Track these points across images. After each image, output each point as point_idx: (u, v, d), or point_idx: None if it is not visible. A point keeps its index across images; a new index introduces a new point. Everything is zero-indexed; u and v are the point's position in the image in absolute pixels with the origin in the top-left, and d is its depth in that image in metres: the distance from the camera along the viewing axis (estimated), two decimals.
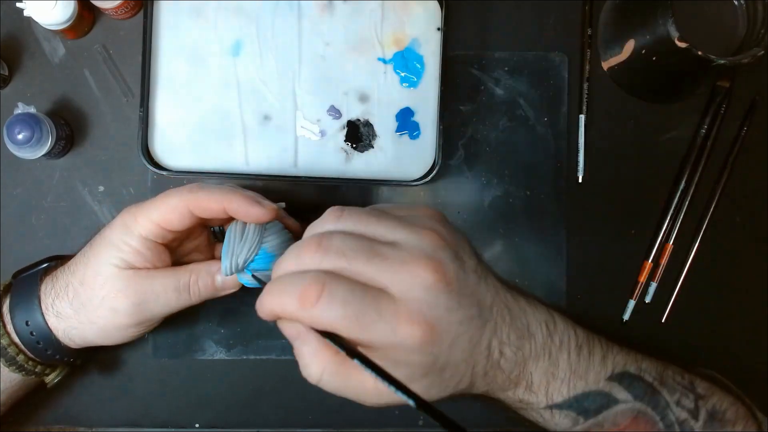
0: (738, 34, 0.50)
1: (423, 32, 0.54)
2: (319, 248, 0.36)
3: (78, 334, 0.47)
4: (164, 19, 0.53)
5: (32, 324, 0.46)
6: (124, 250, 0.46)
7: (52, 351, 0.47)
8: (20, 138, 0.49)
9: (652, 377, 0.45)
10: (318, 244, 0.36)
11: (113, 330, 0.47)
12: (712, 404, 0.45)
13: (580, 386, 0.43)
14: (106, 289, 0.45)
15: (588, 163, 0.57)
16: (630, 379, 0.44)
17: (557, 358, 0.42)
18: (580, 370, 0.43)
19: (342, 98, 0.54)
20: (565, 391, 0.42)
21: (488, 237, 0.57)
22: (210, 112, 0.54)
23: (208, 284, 0.48)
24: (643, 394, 0.44)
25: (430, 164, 0.54)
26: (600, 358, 0.44)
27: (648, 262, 0.56)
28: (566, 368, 0.42)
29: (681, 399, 0.45)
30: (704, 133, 0.56)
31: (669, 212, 0.56)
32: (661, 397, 0.44)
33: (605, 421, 0.44)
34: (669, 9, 0.46)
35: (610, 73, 0.56)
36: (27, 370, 0.47)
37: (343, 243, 0.36)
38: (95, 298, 0.46)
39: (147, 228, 0.45)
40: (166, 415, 0.56)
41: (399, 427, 0.57)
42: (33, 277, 0.48)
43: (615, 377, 0.44)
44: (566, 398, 0.43)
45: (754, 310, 0.57)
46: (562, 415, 0.43)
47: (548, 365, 0.42)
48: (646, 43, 0.50)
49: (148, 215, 0.45)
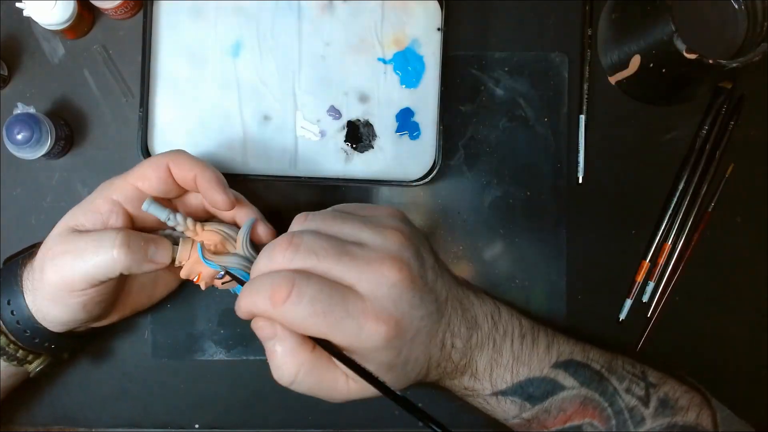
0: (739, 34, 0.50)
1: (423, 32, 0.54)
2: (290, 246, 0.38)
3: (37, 309, 0.45)
4: (164, 19, 0.53)
5: (13, 303, 0.45)
6: (85, 209, 0.44)
7: (30, 332, 0.45)
8: (20, 138, 0.49)
9: (600, 365, 0.47)
10: (289, 242, 0.38)
11: (48, 293, 0.43)
12: (664, 392, 0.46)
13: (524, 373, 0.45)
14: (45, 247, 0.44)
15: (588, 163, 0.57)
16: (576, 366, 0.46)
17: (501, 346, 0.44)
18: (524, 357, 0.45)
19: (342, 98, 0.54)
20: (508, 377, 0.45)
21: (488, 237, 0.57)
22: (210, 112, 0.54)
23: (138, 248, 0.43)
24: (589, 381, 0.46)
25: (430, 164, 0.54)
26: (545, 347, 0.46)
27: (645, 262, 0.56)
28: (509, 356, 0.45)
29: (630, 386, 0.46)
30: (705, 134, 0.56)
31: (668, 212, 0.56)
32: (609, 384, 0.46)
33: (552, 407, 0.45)
34: (669, 21, 0.46)
35: (619, 86, 0.57)
36: (8, 354, 0.46)
37: (313, 242, 0.38)
38: (37, 267, 0.44)
39: (120, 188, 0.44)
40: (166, 416, 0.56)
41: (399, 427, 0.57)
42: (16, 261, 0.47)
43: (560, 364, 0.46)
44: (510, 385, 0.45)
45: (753, 310, 0.57)
46: (507, 401, 0.45)
47: (492, 353, 0.44)
48: (653, 57, 0.50)
49: (125, 177, 0.45)
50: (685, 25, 0.46)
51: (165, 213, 0.44)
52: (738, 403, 0.48)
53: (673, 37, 0.46)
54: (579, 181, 0.57)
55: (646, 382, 0.46)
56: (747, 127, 0.57)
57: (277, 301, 0.36)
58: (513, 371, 0.45)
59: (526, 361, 0.45)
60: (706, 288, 0.57)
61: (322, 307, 0.37)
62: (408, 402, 0.36)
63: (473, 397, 0.46)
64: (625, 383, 0.46)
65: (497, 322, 0.45)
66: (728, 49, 0.50)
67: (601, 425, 0.45)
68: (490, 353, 0.44)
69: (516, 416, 0.46)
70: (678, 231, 0.57)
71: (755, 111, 0.57)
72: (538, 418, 0.45)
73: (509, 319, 0.46)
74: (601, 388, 0.46)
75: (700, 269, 0.57)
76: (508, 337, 0.45)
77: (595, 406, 0.45)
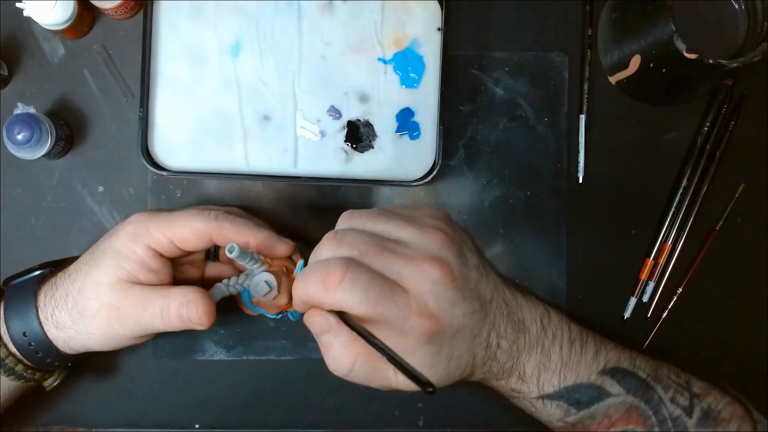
0: (739, 34, 0.50)
1: (423, 32, 0.54)
2: (333, 241, 0.39)
3: (79, 344, 0.46)
4: (164, 19, 0.53)
5: (30, 335, 0.45)
6: (128, 258, 0.45)
7: (51, 359, 0.47)
8: (20, 138, 0.49)
9: (646, 373, 0.46)
10: (333, 238, 0.40)
11: (112, 339, 0.46)
12: (708, 403, 0.46)
13: (571, 378, 0.44)
14: (102, 299, 0.45)
15: (588, 163, 0.57)
16: (623, 374, 0.46)
17: (549, 350, 0.44)
18: (572, 362, 0.45)
19: (342, 98, 0.54)
20: (555, 382, 0.44)
21: (488, 237, 0.57)
22: (210, 112, 0.54)
23: (192, 317, 0.45)
24: (636, 388, 0.45)
25: (431, 164, 0.54)
26: (593, 353, 0.45)
27: (650, 260, 0.56)
28: (558, 360, 0.44)
29: (675, 396, 0.46)
30: (706, 133, 0.56)
31: (671, 210, 0.56)
32: (654, 393, 0.46)
33: (597, 413, 0.45)
34: (670, 21, 0.46)
35: (619, 86, 0.57)
36: (26, 378, 0.47)
37: (355, 238, 0.39)
38: (91, 308, 0.45)
39: (158, 241, 0.45)
40: (166, 416, 0.56)
41: (399, 427, 0.57)
42: (28, 285, 0.47)
43: (607, 371, 0.45)
44: (557, 389, 0.44)
45: (754, 309, 0.57)
46: (553, 405, 0.45)
47: (540, 357, 0.44)
48: (653, 57, 0.50)
49: (163, 229, 0.45)
50: (685, 25, 0.46)
51: (247, 257, 0.45)
52: None
53: (674, 37, 0.46)
54: (579, 181, 0.57)
55: (691, 392, 0.46)
56: (747, 127, 0.57)
57: (330, 285, 0.37)
58: (561, 376, 0.44)
59: (574, 366, 0.45)
60: (707, 288, 0.57)
61: (374, 295, 0.37)
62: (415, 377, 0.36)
63: (519, 399, 0.45)
64: (670, 392, 0.46)
65: (546, 326, 0.45)
66: (728, 49, 0.50)
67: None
68: (538, 357, 0.44)
69: (560, 419, 0.45)
70: (678, 231, 0.57)
71: (755, 111, 0.57)
72: (583, 423, 0.45)
73: (559, 323, 0.45)
74: (647, 396, 0.45)
75: (702, 269, 0.57)
76: (557, 341, 0.45)
77: (639, 414, 0.45)
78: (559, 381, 0.44)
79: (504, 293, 0.43)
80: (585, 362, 0.45)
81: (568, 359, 0.45)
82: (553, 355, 0.44)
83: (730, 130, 0.56)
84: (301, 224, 0.56)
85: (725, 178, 0.57)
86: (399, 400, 0.56)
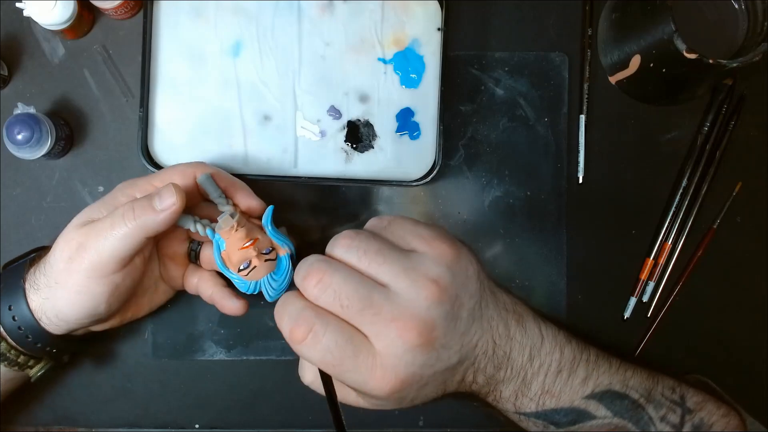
0: (739, 34, 0.50)
1: (423, 32, 0.54)
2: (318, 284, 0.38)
3: (50, 306, 0.45)
4: (164, 19, 0.53)
5: (15, 309, 0.45)
6: (107, 204, 0.46)
7: (33, 337, 0.46)
8: (20, 138, 0.49)
9: (639, 394, 0.46)
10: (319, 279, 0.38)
11: (74, 285, 0.44)
12: (700, 418, 0.46)
13: (551, 403, 0.44)
14: (64, 239, 0.45)
15: (588, 163, 0.57)
16: (612, 397, 0.45)
17: (531, 380, 0.44)
18: (555, 390, 0.44)
19: (342, 98, 0.54)
20: (533, 406, 0.44)
21: (488, 237, 0.57)
22: (210, 112, 0.54)
23: (145, 205, 0.44)
24: (624, 410, 0.45)
25: (431, 164, 0.54)
26: (581, 380, 0.45)
27: (650, 260, 0.56)
28: (538, 389, 0.44)
29: (667, 414, 0.46)
30: (706, 132, 0.56)
31: (671, 210, 0.56)
32: (644, 413, 0.45)
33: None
34: (670, 21, 0.46)
35: (619, 86, 0.57)
36: (9, 359, 0.46)
37: (341, 287, 0.38)
38: (58, 258, 0.45)
39: (144, 190, 0.46)
40: (166, 416, 0.56)
41: (399, 427, 0.57)
42: (19, 266, 0.47)
43: (595, 395, 0.45)
44: (534, 411, 0.44)
45: (754, 310, 0.57)
46: (530, 422, 0.45)
47: (520, 386, 0.44)
48: (653, 56, 0.50)
49: (149, 179, 0.46)
50: (685, 24, 0.46)
51: (218, 191, 0.46)
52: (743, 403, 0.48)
53: (674, 36, 0.46)
54: (579, 181, 0.57)
55: (684, 408, 0.46)
56: (747, 127, 0.57)
57: (294, 339, 0.38)
58: (539, 402, 0.44)
59: (557, 393, 0.44)
60: (707, 288, 0.57)
61: (332, 358, 0.38)
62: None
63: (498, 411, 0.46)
64: (662, 411, 0.45)
65: (535, 356, 0.44)
66: (728, 49, 0.50)
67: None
68: (517, 385, 0.43)
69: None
70: (678, 231, 0.57)
71: (755, 111, 0.57)
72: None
73: (550, 351, 0.44)
74: (636, 417, 0.45)
75: (701, 269, 0.57)
76: (542, 371, 0.44)
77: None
78: (537, 406, 0.44)
79: (496, 329, 0.42)
80: (569, 389, 0.44)
81: (551, 387, 0.44)
82: (533, 385, 0.44)
83: (730, 130, 0.56)
84: (301, 224, 0.56)
85: (725, 177, 0.57)
86: None
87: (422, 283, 0.38)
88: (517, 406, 0.44)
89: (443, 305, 0.39)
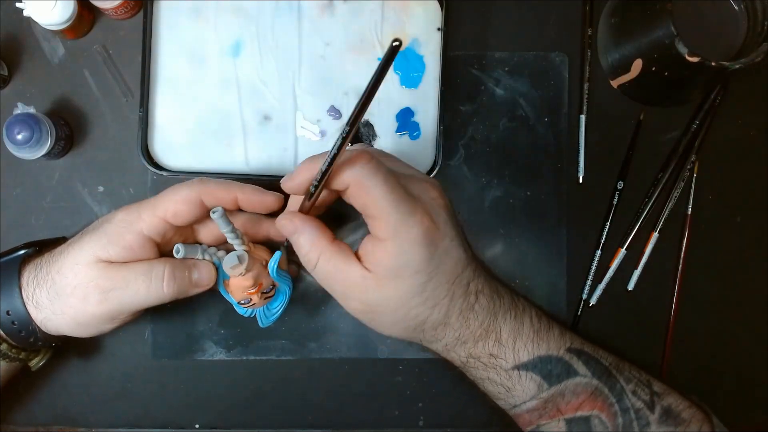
0: (739, 35, 0.50)
1: (423, 32, 0.54)
2: (364, 154, 0.41)
3: (53, 326, 0.46)
4: (164, 19, 0.53)
5: (14, 313, 0.45)
6: (114, 243, 0.45)
7: (34, 339, 0.47)
8: (20, 138, 0.49)
9: (608, 362, 0.48)
10: (363, 152, 0.41)
11: (83, 321, 0.45)
12: (668, 402, 0.47)
13: (543, 348, 0.47)
14: (79, 278, 0.44)
15: (588, 163, 0.57)
16: (587, 357, 0.47)
17: (522, 318, 0.46)
18: (543, 333, 0.47)
19: (342, 98, 0.54)
20: (530, 348, 0.46)
21: (488, 237, 0.57)
22: (210, 112, 0.54)
23: (184, 277, 0.46)
24: (600, 373, 0.47)
25: (431, 164, 0.54)
26: (558, 333, 0.48)
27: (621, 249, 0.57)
28: (530, 328, 0.47)
29: (637, 389, 0.47)
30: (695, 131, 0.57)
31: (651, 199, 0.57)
32: (617, 382, 0.47)
33: (566, 390, 0.46)
34: (670, 24, 0.46)
35: (621, 89, 0.57)
36: (11, 357, 0.47)
37: (375, 153, 0.42)
38: (68, 287, 0.44)
39: (150, 223, 0.45)
40: (166, 416, 0.56)
41: (399, 427, 0.57)
42: (12, 264, 0.47)
43: (574, 351, 0.47)
44: (531, 357, 0.46)
45: (754, 310, 0.57)
46: (528, 377, 0.46)
47: (514, 323, 0.46)
48: (654, 60, 0.50)
49: (154, 210, 0.45)
50: (685, 27, 0.46)
51: (230, 227, 0.45)
52: (739, 403, 0.48)
53: (675, 40, 0.46)
54: (579, 181, 0.57)
55: (651, 390, 0.47)
56: (747, 127, 0.57)
57: (358, 161, 0.40)
58: (534, 344, 0.46)
59: (545, 337, 0.47)
60: (707, 288, 0.57)
61: (391, 185, 0.40)
62: None
63: (496, 371, 0.46)
64: (632, 385, 0.47)
65: (516, 300, 0.47)
66: (728, 50, 0.50)
67: (608, 420, 0.46)
68: (512, 322, 0.46)
69: (534, 396, 0.46)
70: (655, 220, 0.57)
71: (754, 111, 0.57)
72: (554, 401, 0.46)
73: (526, 303, 0.48)
74: (610, 383, 0.47)
75: (701, 269, 0.57)
76: (527, 312, 0.47)
77: (604, 399, 0.46)
78: (533, 348, 0.46)
79: (482, 263, 0.46)
80: (553, 338, 0.47)
81: (539, 329, 0.47)
82: (525, 323, 0.46)
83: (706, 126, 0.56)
84: None
85: (725, 177, 0.57)
86: (399, 400, 0.57)
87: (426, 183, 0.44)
88: (516, 349, 0.46)
89: (446, 198, 0.44)
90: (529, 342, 0.46)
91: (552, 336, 0.47)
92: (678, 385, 0.55)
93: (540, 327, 0.47)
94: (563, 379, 0.46)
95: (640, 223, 0.56)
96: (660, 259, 0.57)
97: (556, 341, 0.47)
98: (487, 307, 0.45)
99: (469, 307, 0.44)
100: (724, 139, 0.57)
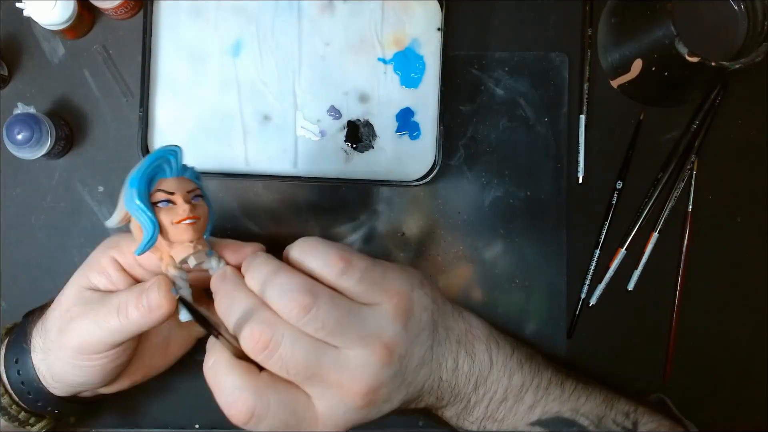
0: (739, 35, 0.50)
1: (423, 32, 0.54)
2: (265, 351, 0.38)
3: (47, 369, 0.44)
4: (164, 19, 0.53)
5: (20, 362, 0.44)
6: (92, 268, 0.43)
7: (34, 395, 0.45)
8: (20, 138, 0.49)
9: (590, 421, 0.46)
10: (265, 345, 0.38)
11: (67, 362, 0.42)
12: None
13: (492, 427, 0.45)
14: (61, 308, 0.43)
15: (588, 163, 0.57)
16: (560, 424, 0.46)
17: (474, 407, 0.45)
18: (498, 416, 0.45)
19: (342, 98, 0.54)
20: (474, 428, 0.45)
21: (488, 237, 0.57)
22: (210, 112, 0.54)
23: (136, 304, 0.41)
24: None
25: (430, 164, 0.54)
26: (528, 407, 0.46)
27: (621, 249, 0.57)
28: (481, 414, 0.45)
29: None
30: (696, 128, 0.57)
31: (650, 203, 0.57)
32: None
33: None
34: (670, 25, 0.46)
35: (621, 90, 0.57)
36: (10, 414, 0.45)
37: (290, 354, 0.38)
38: (52, 328, 0.43)
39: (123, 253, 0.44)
40: (166, 416, 0.56)
41: (399, 428, 0.57)
42: (28, 316, 0.46)
43: (542, 423, 0.46)
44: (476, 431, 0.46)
45: (755, 309, 0.57)
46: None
47: (462, 411, 0.45)
48: (654, 60, 0.50)
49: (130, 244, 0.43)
50: (684, 27, 0.46)
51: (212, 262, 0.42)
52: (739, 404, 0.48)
53: (675, 41, 0.46)
54: (579, 181, 0.57)
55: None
56: (747, 127, 0.57)
57: (237, 421, 0.39)
58: (481, 425, 0.45)
59: (499, 418, 0.45)
60: (707, 288, 0.57)
61: (278, 424, 0.39)
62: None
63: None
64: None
65: (480, 385, 0.45)
66: (728, 50, 0.50)
67: None
68: (459, 410, 0.45)
69: None
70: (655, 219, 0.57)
71: (754, 111, 0.57)
72: None
73: (496, 380, 0.45)
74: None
75: (701, 269, 0.57)
76: (486, 398, 0.45)
77: None
78: (478, 428, 0.45)
79: (444, 366, 0.43)
80: (513, 416, 0.45)
81: (494, 413, 0.45)
82: (476, 411, 0.45)
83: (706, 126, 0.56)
84: (301, 224, 0.56)
85: (725, 177, 0.57)
86: None
87: (375, 348, 0.39)
88: (458, 426, 0.46)
89: (392, 366, 0.40)
90: (474, 425, 0.45)
91: (512, 415, 0.45)
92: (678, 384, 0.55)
93: (497, 410, 0.45)
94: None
95: (640, 223, 0.56)
96: (660, 259, 0.57)
97: (515, 419, 0.45)
98: (428, 408, 0.45)
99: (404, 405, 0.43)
100: (724, 139, 0.57)
